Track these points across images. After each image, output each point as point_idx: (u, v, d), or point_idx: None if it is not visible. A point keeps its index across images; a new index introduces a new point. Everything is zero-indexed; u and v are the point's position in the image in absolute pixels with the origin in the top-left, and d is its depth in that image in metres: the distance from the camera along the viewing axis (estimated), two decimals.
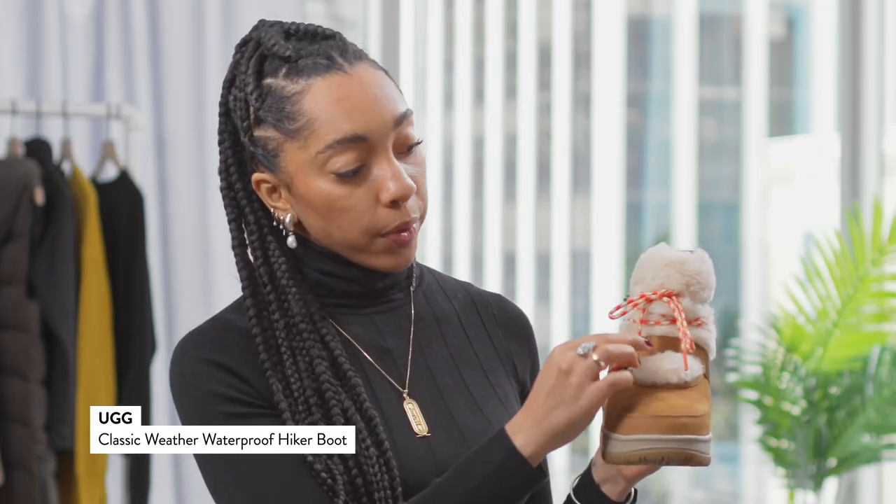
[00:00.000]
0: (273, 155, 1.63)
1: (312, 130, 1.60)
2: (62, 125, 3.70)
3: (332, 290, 1.67)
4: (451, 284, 1.78)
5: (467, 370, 1.70)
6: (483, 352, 1.73)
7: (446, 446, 1.63)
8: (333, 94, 1.61)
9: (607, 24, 9.07)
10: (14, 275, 3.40)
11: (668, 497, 8.56)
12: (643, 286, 1.58)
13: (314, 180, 1.61)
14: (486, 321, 1.76)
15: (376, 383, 1.65)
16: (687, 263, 1.57)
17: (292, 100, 1.61)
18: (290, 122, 1.61)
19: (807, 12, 8.69)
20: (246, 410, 1.60)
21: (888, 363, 4.20)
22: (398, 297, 1.71)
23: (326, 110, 1.60)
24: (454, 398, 1.67)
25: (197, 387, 1.61)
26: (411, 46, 7.49)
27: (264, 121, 1.63)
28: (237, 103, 1.64)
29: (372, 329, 1.68)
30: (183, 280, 3.99)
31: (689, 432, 1.51)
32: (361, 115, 1.60)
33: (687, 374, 1.53)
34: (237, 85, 1.65)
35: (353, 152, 1.60)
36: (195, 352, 1.62)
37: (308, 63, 1.62)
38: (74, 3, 3.94)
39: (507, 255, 9.45)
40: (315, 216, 1.63)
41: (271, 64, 1.63)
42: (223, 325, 1.65)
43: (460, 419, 1.66)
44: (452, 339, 1.72)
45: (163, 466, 3.96)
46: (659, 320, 1.56)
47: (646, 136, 9.21)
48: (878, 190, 4.72)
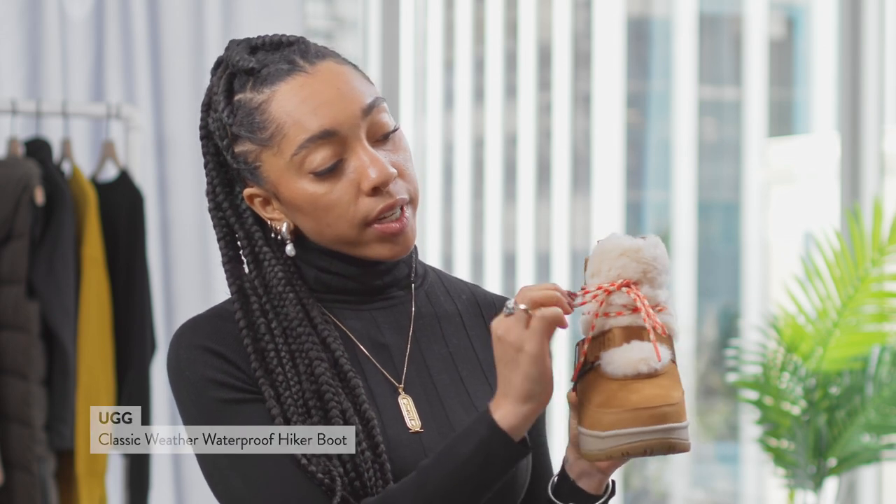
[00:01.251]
0: (255, 167, 1.65)
1: (283, 135, 1.62)
2: (62, 125, 3.70)
3: (331, 286, 1.68)
4: (456, 285, 1.79)
5: (465, 369, 1.71)
6: (484, 352, 1.73)
7: (438, 443, 1.63)
8: (297, 95, 1.62)
9: (607, 24, 9.06)
10: (14, 275, 3.40)
11: (668, 497, 8.56)
12: (600, 278, 1.57)
13: (295, 183, 1.63)
14: (489, 323, 1.75)
15: (372, 377, 1.66)
16: (642, 251, 1.57)
17: (260, 109, 1.63)
18: (261, 131, 1.63)
19: (807, 12, 8.69)
20: (239, 396, 1.61)
21: (888, 363, 4.20)
22: (398, 295, 1.71)
23: (293, 112, 1.62)
24: (449, 395, 1.68)
25: (191, 372, 1.63)
26: (411, 46, 7.48)
27: (240, 136, 1.65)
28: (216, 124, 1.66)
29: (370, 324, 1.69)
30: (183, 280, 3.99)
31: (669, 421, 1.50)
32: (328, 110, 1.62)
33: (658, 363, 1.52)
34: (213, 106, 1.67)
35: (326, 148, 1.62)
36: (191, 338, 1.64)
37: (270, 71, 1.64)
38: (74, 3, 3.94)
39: (507, 255, 9.45)
40: (305, 218, 1.65)
41: (239, 80, 1.66)
42: (220, 314, 1.67)
43: (453, 416, 1.66)
44: (452, 338, 1.73)
45: (163, 466, 3.96)
46: (620, 311, 1.56)
47: (646, 136, 9.20)
48: (878, 190, 4.72)
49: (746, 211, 8.45)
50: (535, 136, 9.32)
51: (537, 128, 9.32)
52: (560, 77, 9.19)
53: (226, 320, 1.65)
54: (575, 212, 9.16)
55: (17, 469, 3.39)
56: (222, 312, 1.67)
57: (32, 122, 3.73)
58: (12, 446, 3.39)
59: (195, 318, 1.67)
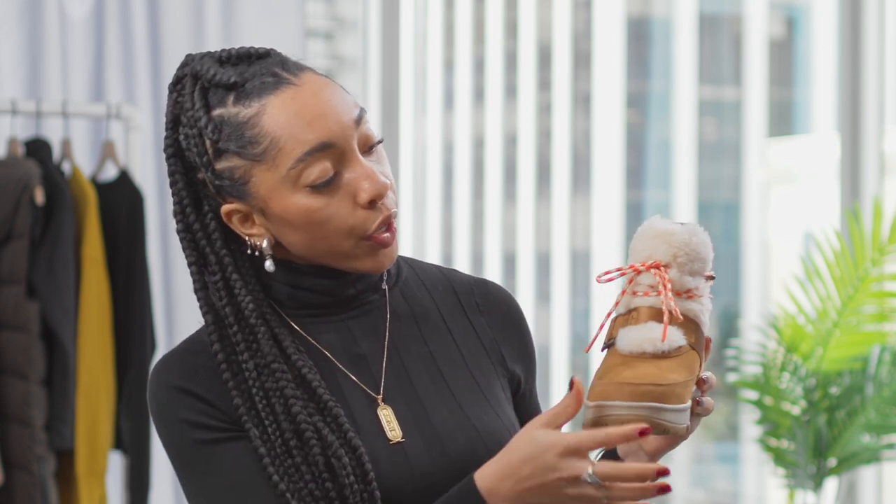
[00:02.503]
0: (241, 183, 1.61)
1: (279, 149, 1.59)
2: (62, 125, 3.70)
3: (303, 302, 1.66)
4: (431, 275, 1.76)
5: (447, 367, 1.69)
6: (466, 345, 1.71)
7: (421, 450, 1.62)
8: (289, 108, 1.59)
9: (607, 24, 9.07)
10: (14, 275, 3.40)
11: (668, 497, 8.57)
12: (634, 257, 1.58)
13: (289, 198, 1.60)
14: (469, 310, 1.74)
15: (350, 394, 1.64)
16: (675, 235, 1.57)
17: (250, 123, 1.59)
18: (253, 146, 1.59)
19: (807, 12, 8.69)
20: (217, 436, 1.60)
21: (888, 363, 4.20)
22: (373, 300, 1.69)
23: (287, 126, 1.58)
24: (431, 398, 1.66)
25: (169, 414, 1.61)
26: (411, 46, 7.49)
27: (226, 151, 1.60)
28: (190, 140, 1.62)
29: (346, 335, 1.67)
30: (183, 280, 3.99)
31: (651, 400, 1.50)
32: (322, 122, 1.59)
33: (664, 344, 1.53)
34: (186, 123, 1.63)
35: (322, 161, 1.59)
36: (166, 378, 1.62)
37: (255, 84, 1.60)
38: (74, 3, 3.94)
39: (507, 255, 9.45)
40: (296, 233, 1.61)
41: (215, 94, 1.61)
42: (193, 348, 1.64)
43: (437, 420, 1.64)
44: (432, 335, 1.70)
45: (163, 466, 3.96)
46: (647, 291, 1.56)
47: (646, 136, 9.21)
48: (878, 190, 4.72)
49: (746, 211, 8.46)
50: (535, 136, 9.33)
51: (537, 128, 9.32)
52: (560, 77, 9.19)
53: (198, 354, 1.63)
54: (575, 212, 9.16)
55: (17, 469, 3.39)
56: (196, 346, 1.64)
57: (32, 122, 3.73)
58: (12, 446, 3.39)
59: (167, 355, 1.65)
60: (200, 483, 1.60)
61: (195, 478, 1.60)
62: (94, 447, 3.46)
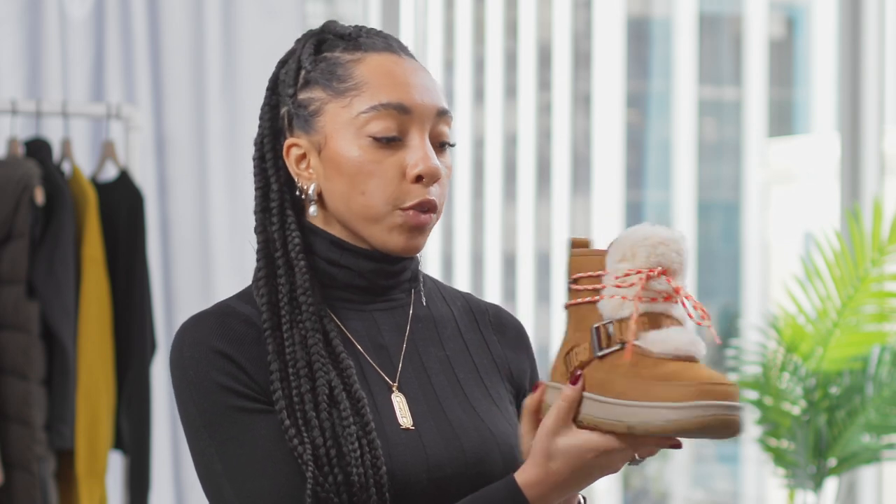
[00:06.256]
0: (313, 114, 1.67)
1: (360, 91, 1.65)
2: (62, 125, 3.70)
3: (337, 280, 1.68)
4: (450, 292, 1.80)
5: (462, 372, 1.71)
6: (479, 356, 1.74)
7: (436, 439, 1.63)
8: (386, 67, 1.67)
9: (607, 24, 9.08)
10: (14, 275, 3.40)
11: (668, 497, 8.57)
12: (634, 263, 1.57)
13: (349, 141, 1.65)
14: (483, 327, 1.77)
15: (367, 374, 1.66)
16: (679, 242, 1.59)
17: (346, 66, 1.67)
18: (339, 82, 1.66)
19: (807, 12, 8.70)
20: (247, 405, 1.61)
21: (888, 363, 4.20)
22: (399, 297, 1.72)
23: (376, 77, 1.66)
24: (446, 395, 1.68)
25: (196, 372, 1.62)
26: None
27: (312, 81, 1.68)
28: (288, 74, 1.70)
29: (371, 325, 1.69)
30: (183, 280, 3.99)
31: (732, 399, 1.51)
32: (409, 90, 1.66)
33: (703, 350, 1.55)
34: (292, 59, 1.71)
35: (393, 120, 1.65)
36: (197, 335, 1.63)
37: (366, 41, 1.69)
38: (74, 3, 3.94)
39: (507, 255, 9.46)
40: (341, 180, 1.66)
41: (330, 43, 1.70)
42: (225, 310, 1.66)
43: (452, 415, 1.66)
44: (449, 341, 1.73)
45: (163, 466, 3.96)
46: (655, 297, 1.57)
47: (646, 136, 9.22)
48: (878, 190, 4.72)
49: (746, 211, 8.46)
50: (535, 136, 9.34)
51: (537, 128, 9.33)
52: (560, 77, 9.20)
53: (230, 316, 1.65)
54: (575, 212, 9.17)
55: (17, 469, 3.39)
56: (226, 309, 1.66)
57: (32, 122, 3.73)
58: (12, 446, 3.39)
59: (201, 313, 1.66)
60: (220, 446, 1.60)
61: (214, 440, 1.60)
62: (94, 447, 3.46)
